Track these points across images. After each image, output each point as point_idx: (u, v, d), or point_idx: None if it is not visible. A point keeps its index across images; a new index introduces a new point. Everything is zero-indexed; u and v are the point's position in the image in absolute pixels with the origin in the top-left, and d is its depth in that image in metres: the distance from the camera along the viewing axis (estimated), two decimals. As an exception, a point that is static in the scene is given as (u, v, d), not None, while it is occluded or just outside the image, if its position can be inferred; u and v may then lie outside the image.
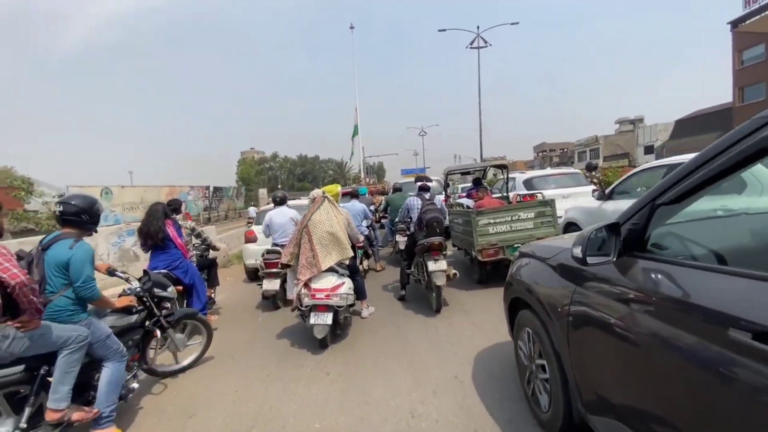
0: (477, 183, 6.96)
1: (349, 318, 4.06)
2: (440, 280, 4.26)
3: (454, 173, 7.51)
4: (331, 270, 3.82)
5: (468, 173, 7.92)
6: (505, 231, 5.13)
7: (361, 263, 6.42)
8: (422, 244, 4.45)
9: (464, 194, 7.83)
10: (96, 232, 2.78)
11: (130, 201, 18.96)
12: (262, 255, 5.75)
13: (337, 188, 4.32)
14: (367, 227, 6.74)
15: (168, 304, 3.38)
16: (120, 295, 3.17)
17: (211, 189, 27.94)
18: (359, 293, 4.41)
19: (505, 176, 7.10)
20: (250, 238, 7.57)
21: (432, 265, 4.31)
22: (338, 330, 4.00)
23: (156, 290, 3.24)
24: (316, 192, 4.00)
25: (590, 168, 10.25)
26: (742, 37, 31.13)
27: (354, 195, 7.11)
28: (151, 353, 3.34)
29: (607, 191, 5.49)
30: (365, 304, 4.64)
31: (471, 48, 22.45)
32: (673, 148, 37.20)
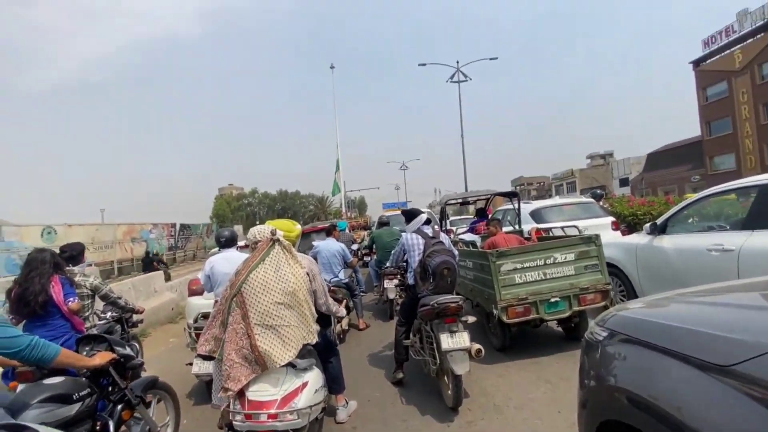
0: (482, 214, 5.63)
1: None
2: (461, 367, 2.73)
3: (453, 203, 6.18)
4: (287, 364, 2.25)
5: (468, 203, 6.62)
6: (537, 280, 3.71)
7: (339, 322, 4.82)
8: (429, 306, 2.96)
9: (465, 229, 6.48)
10: None
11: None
12: (195, 319, 4.12)
13: (296, 226, 2.80)
14: (348, 276, 5.22)
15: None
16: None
17: (178, 226, 25.78)
18: (334, 383, 2.83)
19: (517, 206, 5.79)
20: (195, 290, 5.86)
21: (447, 341, 2.80)
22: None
23: (118, 349, 2.40)
24: (260, 231, 2.47)
25: (596, 197, 9.21)
26: (704, 75, 32.58)
27: (329, 231, 5.62)
28: None
29: (659, 222, 4.24)
30: (342, 399, 3.03)
31: (451, 82, 22.13)
32: (652, 179, 37.85)
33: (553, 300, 3.65)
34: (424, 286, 3.19)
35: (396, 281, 5.41)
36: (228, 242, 4.19)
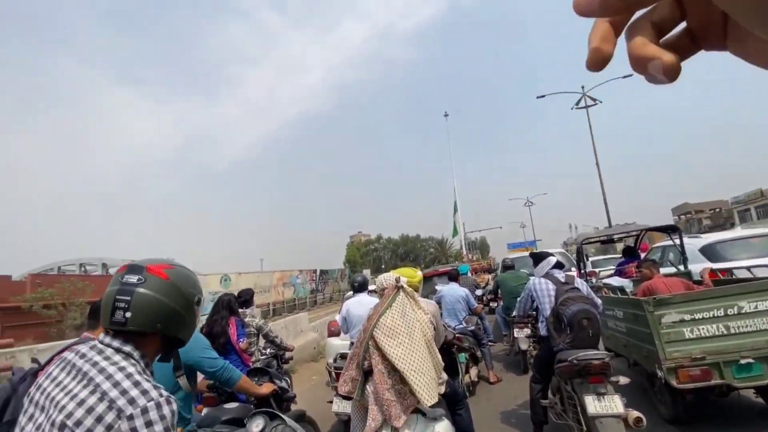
0: (631, 254, 4.87)
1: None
2: (615, 437, 2.33)
3: (593, 241, 5.51)
4: (414, 410, 2.30)
5: (612, 241, 5.80)
6: (717, 335, 2.97)
7: (466, 372, 4.64)
8: (568, 363, 2.66)
9: (612, 272, 5.63)
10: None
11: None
12: (334, 359, 4.51)
13: (417, 273, 2.93)
14: (474, 323, 5.05)
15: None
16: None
17: (318, 272, 29.05)
18: None
19: (679, 243, 4.82)
20: (333, 331, 6.47)
21: (594, 405, 2.44)
22: None
23: (277, 382, 2.77)
24: (386, 279, 2.67)
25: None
26: None
27: (453, 276, 5.60)
28: None
29: None
30: (476, 457, 2.86)
31: (577, 108, 20.46)
32: None
33: (743, 362, 2.85)
34: (560, 338, 2.90)
35: (527, 330, 4.99)
36: (360, 287, 4.59)
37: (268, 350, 4.55)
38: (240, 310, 4.07)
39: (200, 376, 2.42)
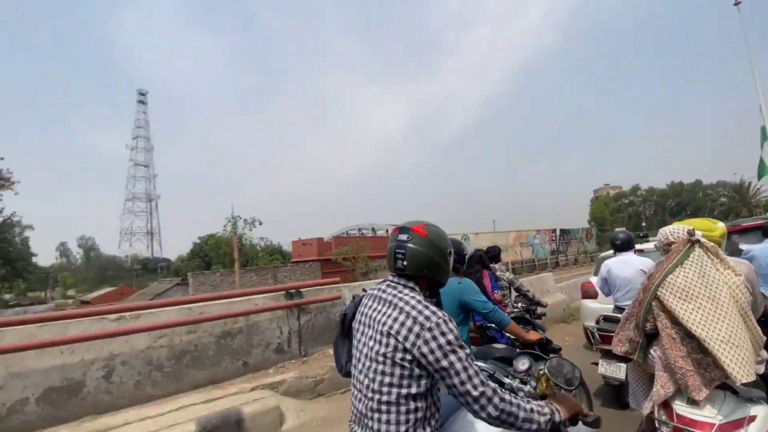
0: None
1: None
2: None
3: None
4: (720, 385, 1.91)
5: None
6: None
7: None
8: None
9: None
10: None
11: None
12: (597, 321, 4.20)
13: (717, 225, 2.24)
14: None
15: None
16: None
17: (558, 232, 26.98)
18: None
19: None
20: (589, 292, 6.00)
21: None
22: None
23: (541, 332, 3.10)
24: (672, 231, 2.20)
25: None
26: None
27: (771, 231, 4.01)
28: None
29: None
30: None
31: None
32: None
33: None
34: None
35: None
36: (624, 245, 4.03)
37: (519, 304, 4.72)
38: (492, 265, 4.40)
39: None
